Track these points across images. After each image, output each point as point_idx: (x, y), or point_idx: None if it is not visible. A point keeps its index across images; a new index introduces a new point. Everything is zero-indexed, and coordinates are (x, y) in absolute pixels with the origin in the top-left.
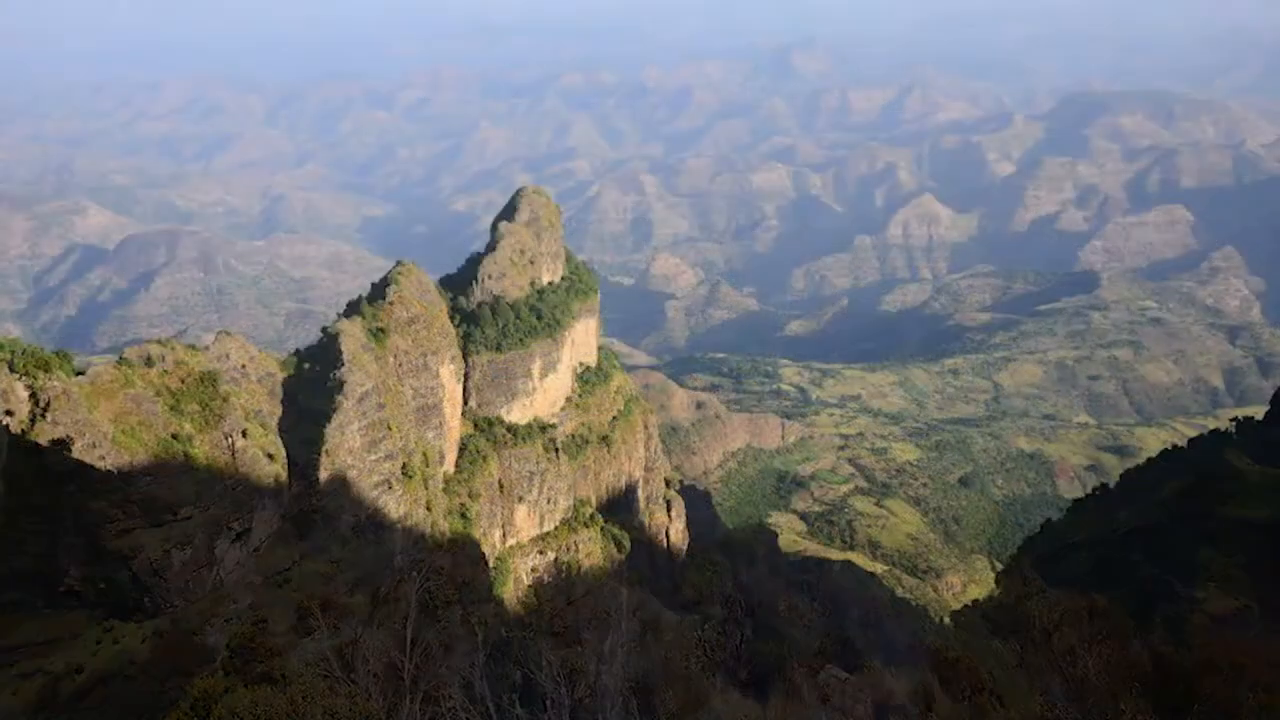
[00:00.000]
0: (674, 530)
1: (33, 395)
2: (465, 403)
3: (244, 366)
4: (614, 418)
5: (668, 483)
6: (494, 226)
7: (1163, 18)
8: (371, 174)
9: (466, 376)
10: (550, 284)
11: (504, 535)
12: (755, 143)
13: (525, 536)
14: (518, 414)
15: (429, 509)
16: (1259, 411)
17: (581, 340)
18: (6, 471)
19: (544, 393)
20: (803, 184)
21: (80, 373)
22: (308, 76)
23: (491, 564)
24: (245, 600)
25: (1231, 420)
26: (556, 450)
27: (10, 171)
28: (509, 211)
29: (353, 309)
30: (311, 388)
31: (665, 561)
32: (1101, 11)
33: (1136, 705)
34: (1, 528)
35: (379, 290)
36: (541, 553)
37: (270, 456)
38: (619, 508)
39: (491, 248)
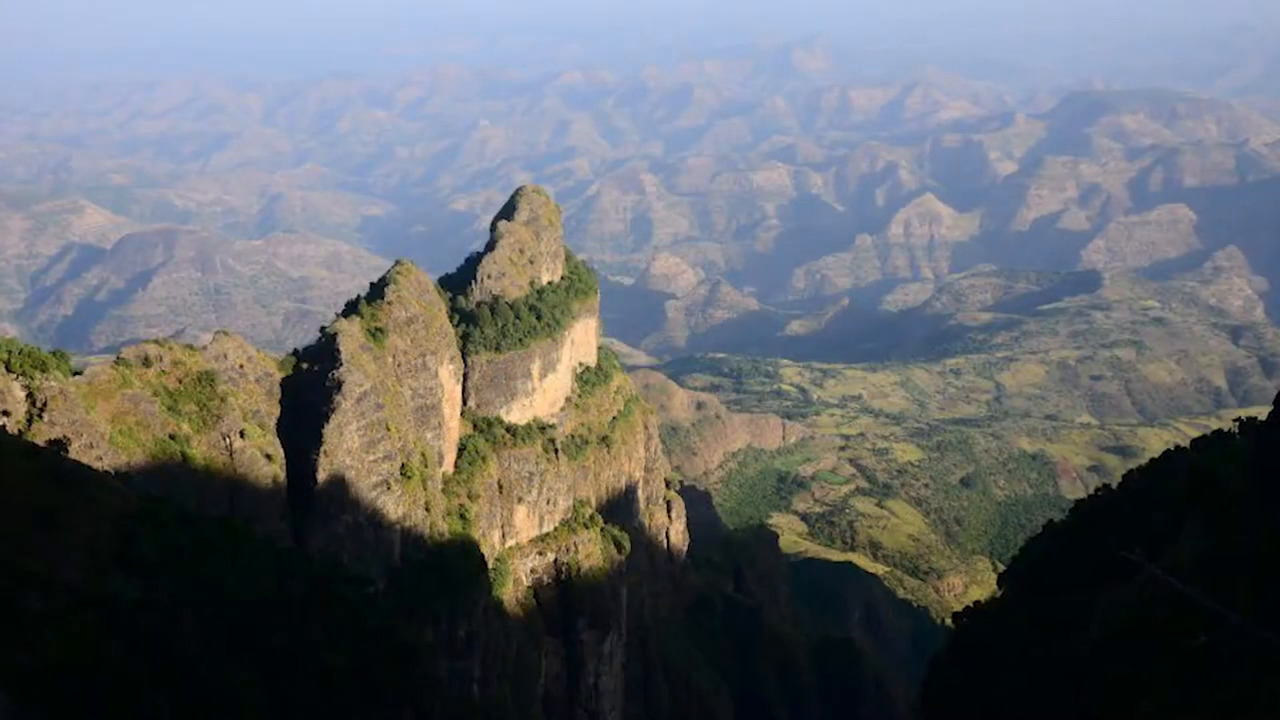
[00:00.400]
0: (674, 531)
1: (29, 395)
2: (464, 403)
3: (242, 366)
4: (614, 418)
5: (668, 483)
6: (493, 226)
7: (1164, 16)
8: (370, 173)
9: (465, 376)
10: (550, 284)
11: (503, 536)
12: (756, 142)
13: (524, 537)
14: (517, 414)
15: (428, 510)
16: (1262, 412)
17: (581, 340)
18: None
19: (543, 393)
20: (803, 183)
21: (77, 373)
22: (306, 75)
23: (491, 565)
24: None
25: (1235, 421)
26: (556, 451)
27: (7, 170)
28: (508, 211)
29: (351, 309)
30: (310, 388)
31: (665, 563)
32: (1103, 10)
33: None
34: None
35: (377, 290)
36: (541, 554)
37: (268, 457)
38: (619, 508)
39: (490, 247)
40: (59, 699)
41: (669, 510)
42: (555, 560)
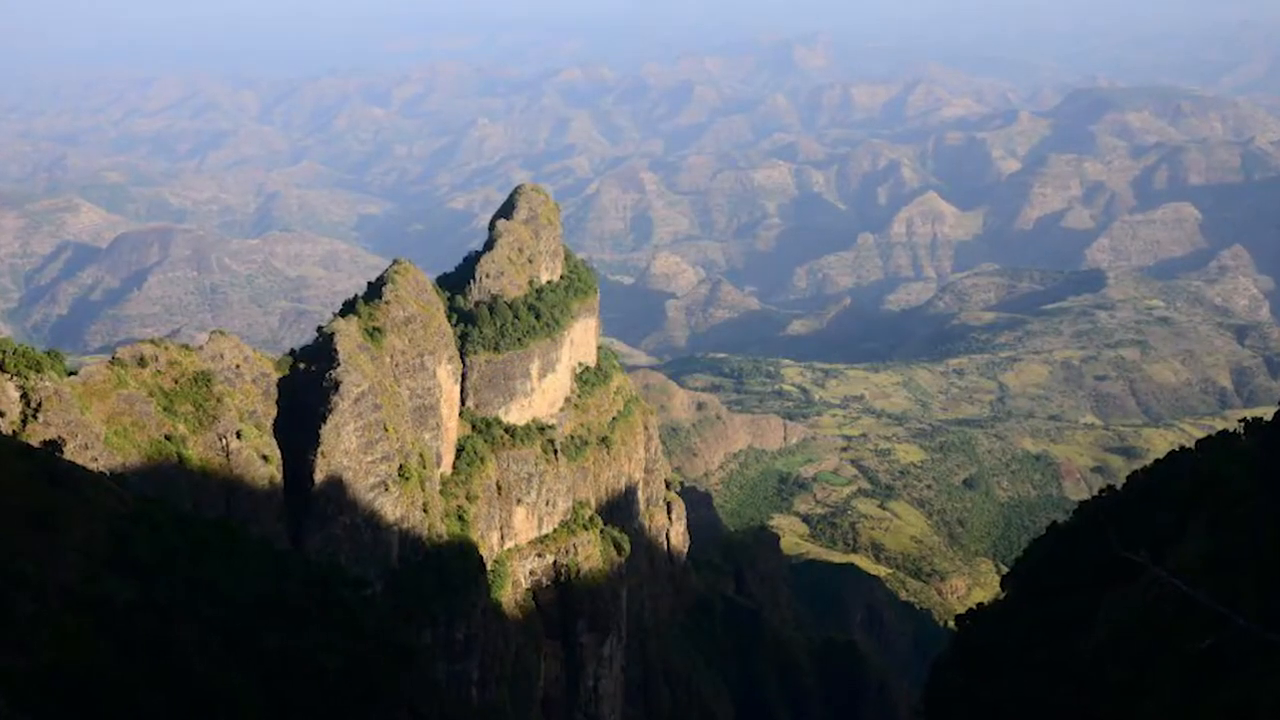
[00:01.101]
0: (674, 533)
1: (24, 396)
2: (463, 403)
3: (238, 367)
4: (614, 418)
5: (668, 484)
6: (492, 225)
7: (1169, 13)
8: (368, 171)
9: (464, 377)
10: (549, 283)
11: (502, 538)
12: (756, 140)
13: (523, 539)
14: (516, 415)
15: (426, 511)
16: (1268, 412)
17: (581, 340)
18: None
19: (543, 393)
20: (805, 181)
21: (72, 373)
22: (303, 72)
23: (489, 567)
24: None
25: (1240, 421)
26: (555, 451)
27: (1, 169)
28: (507, 209)
29: (348, 308)
30: (307, 388)
31: (665, 564)
32: (1107, 6)
33: None
34: None
35: (375, 289)
36: (540, 555)
37: (265, 458)
38: (619, 510)
39: (489, 246)
40: (53, 701)
41: (669, 511)
42: (554, 562)
